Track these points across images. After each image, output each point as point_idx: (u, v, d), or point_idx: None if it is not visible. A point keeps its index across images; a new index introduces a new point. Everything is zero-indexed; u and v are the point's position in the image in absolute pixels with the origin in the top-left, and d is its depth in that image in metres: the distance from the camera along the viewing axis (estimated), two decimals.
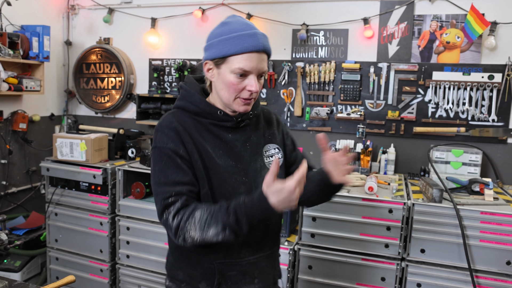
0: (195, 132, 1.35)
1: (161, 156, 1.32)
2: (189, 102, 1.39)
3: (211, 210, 1.23)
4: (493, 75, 2.81)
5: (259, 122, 1.50)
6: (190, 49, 3.47)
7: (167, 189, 1.28)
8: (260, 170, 1.43)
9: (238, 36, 1.26)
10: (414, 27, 2.97)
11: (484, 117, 2.86)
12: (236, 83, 1.29)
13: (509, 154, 2.84)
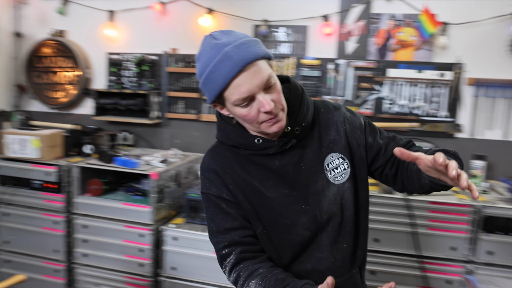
0: (238, 168, 1.28)
1: (208, 202, 1.32)
2: (224, 136, 1.31)
3: (266, 284, 1.18)
4: (444, 73, 3.12)
5: (314, 132, 1.32)
6: (150, 43, 3.59)
7: (220, 238, 1.28)
8: (323, 190, 1.28)
9: (212, 69, 1.13)
10: (372, 25, 3.23)
11: (436, 113, 3.16)
12: (247, 113, 1.16)
13: (457, 147, 3.10)
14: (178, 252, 2.81)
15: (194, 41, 3.49)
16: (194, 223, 2.90)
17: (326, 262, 1.30)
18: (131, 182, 3.23)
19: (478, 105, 3.11)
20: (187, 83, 3.52)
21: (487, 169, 2.91)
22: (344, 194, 1.30)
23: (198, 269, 2.80)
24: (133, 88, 3.55)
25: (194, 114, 3.54)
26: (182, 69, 3.50)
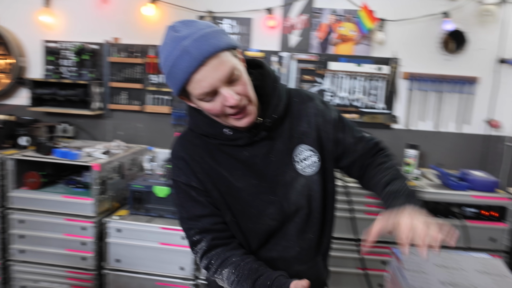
0: (207, 156, 1.29)
1: (177, 189, 1.33)
2: (194, 124, 1.31)
3: (239, 273, 1.23)
4: (381, 67, 3.36)
5: (285, 122, 1.33)
6: (90, 32, 3.56)
7: (190, 224, 1.30)
8: (291, 182, 1.31)
9: (173, 63, 1.12)
10: (314, 20, 3.42)
11: (374, 105, 3.40)
12: (212, 107, 1.17)
13: (394, 138, 3.42)
14: (122, 244, 2.85)
15: (137, 30, 3.51)
16: (138, 214, 2.95)
17: (292, 251, 1.35)
18: (72, 175, 3.22)
19: (412, 98, 3.39)
20: (130, 74, 3.54)
21: (419, 158, 3.18)
22: (313, 186, 1.33)
23: (143, 260, 2.86)
24: (73, 78, 3.51)
25: (137, 105, 3.57)
26: (125, 59, 3.51)
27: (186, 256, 2.81)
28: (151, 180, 3.03)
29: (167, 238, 2.81)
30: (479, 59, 3.33)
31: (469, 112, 3.38)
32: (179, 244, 2.81)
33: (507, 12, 3.24)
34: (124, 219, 2.88)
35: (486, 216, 2.77)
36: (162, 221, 2.88)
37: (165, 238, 2.82)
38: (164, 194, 2.90)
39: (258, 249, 1.35)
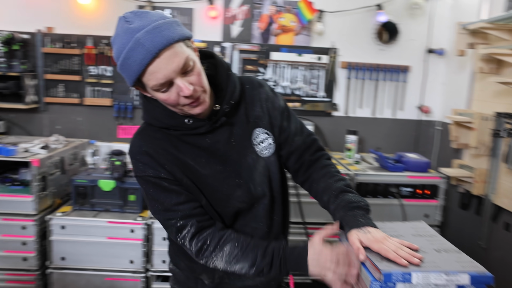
0: (170, 148, 1.31)
1: (146, 185, 1.32)
2: (152, 118, 1.31)
3: (243, 245, 1.27)
4: (321, 57, 3.50)
5: (240, 108, 1.38)
6: (20, 20, 3.37)
7: (168, 215, 1.30)
8: (254, 164, 1.37)
9: (125, 56, 1.11)
10: (255, 10, 3.48)
11: (315, 93, 3.54)
12: (167, 98, 1.18)
13: (334, 125, 3.58)
14: (67, 241, 2.77)
15: (72, 20, 3.39)
16: (82, 209, 2.88)
17: (260, 232, 1.40)
18: (6, 172, 3.07)
19: (351, 86, 3.57)
20: (67, 65, 3.41)
21: (358, 143, 3.36)
22: (270, 167, 1.39)
23: (90, 256, 2.80)
24: (2, 69, 3.32)
25: (76, 98, 3.45)
26: (60, 49, 3.38)
27: (136, 249, 2.80)
28: (95, 174, 2.96)
29: (115, 232, 2.78)
30: (410, 49, 3.56)
31: (402, 99, 3.61)
32: (128, 238, 2.78)
33: (434, 5, 3.50)
34: (68, 215, 2.80)
35: (420, 194, 3.00)
36: (109, 215, 2.84)
37: (113, 232, 2.78)
38: (109, 187, 2.85)
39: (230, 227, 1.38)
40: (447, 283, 0.98)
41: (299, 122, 1.48)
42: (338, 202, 1.29)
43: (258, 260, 1.25)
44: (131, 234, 2.79)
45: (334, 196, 1.32)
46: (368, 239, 1.12)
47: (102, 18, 3.43)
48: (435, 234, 1.26)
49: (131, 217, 2.82)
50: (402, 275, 0.98)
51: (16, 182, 2.93)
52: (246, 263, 1.25)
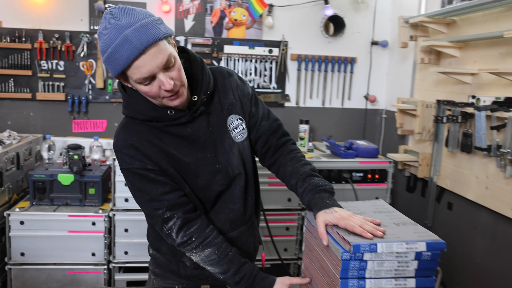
0: (154, 139, 1.39)
1: (132, 177, 1.40)
2: (135, 111, 1.39)
3: (221, 254, 1.41)
4: (272, 49, 3.67)
5: (214, 97, 1.48)
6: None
7: (155, 205, 1.40)
8: (230, 149, 1.48)
9: (113, 50, 1.20)
10: (207, 5, 3.58)
11: (267, 85, 3.70)
12: (149, 90, 1.27)
13: (286, 115, 3.77)
14: (26, 236, 2.78)
15: (22, 13, 3.36)
16: (41, 204, 2.89)
17: (237, 212, 1.54)
18: None
19: (301, 78, 3.76)
20: (17, 60, 3.37)
21: (310, 132, 3.56)
22: (244, 151, 1.52)
23: (51, 250, 2.82)
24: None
25: (27, 93, 3.42)
26: (9, 44, 3.33)
27: (97, 241, 2.85)
28: (53, 169, 2.97)
29: (76, 225, 2.81)
30: (355, 41, 3.80)
31: (350, 89, 3.85)
32: (89, 230, 2.82)
33: (377, 0, 3.74)
34: (27, 210, 2.80)
35: (371, 179, 3.24)
36: (69, 209, 2.87)
37: (74, 225, 2.81)
38: (69, 182, 2.88)
39: (210, 211, 1.52)
40: (407, 250, 1.15)
41: (266, 107, 1.61)
42: (305, 186, 1.42)
43: (229, 274, 1.41)
44: (93, 227, 2.83)
45: (301, 180, 1.45)
46: (335, 218, 1.25)
47: (53, 12, 3.41)
48: (393, 210, 1.43)
49: (91, 210, 2.87)
50: (369, 245, 1.13)
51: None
52: (218, 270, 1.42)
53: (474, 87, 2.63)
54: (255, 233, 1.67)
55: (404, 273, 1.16)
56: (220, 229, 1.51)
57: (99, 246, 2.86)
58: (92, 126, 3.55)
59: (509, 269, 2.43)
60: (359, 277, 1.15)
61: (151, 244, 1.68)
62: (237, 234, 1.57)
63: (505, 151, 2.24)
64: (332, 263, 1.19)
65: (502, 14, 2.41)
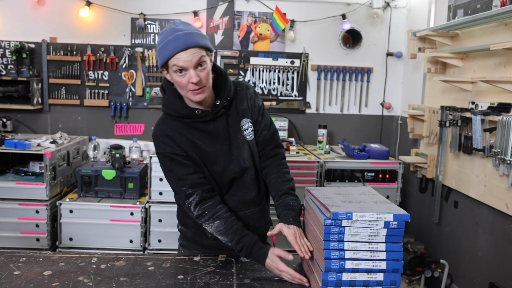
0: (184, 132, 1.75)
1: (165, 160, 1.76)
2: (171, 109, 1.76)
3: (228, 226, 1.71)
4: (294, 61, 3.98)
5: (233, 104, 1.83)
6: (27, 31, 3.78)
7: (181, 182, 1.75)
8: (242, 144, 1.83)
9: (166, 43, 1.60)
10: (235, 21, 3.95)
11: (289, 93, 4.02)
12: (180, 80, 1.62)
13: (307, 121, 4.07)
14: (75, 223, 3.17)
15: (73, 30, 3.82)
16: (87, 196, 3.29)
17: (250, 195, 1.88)
18: (15, 166, 3.45)
19: (320, 86, 4.06)
20: (68, 71, 3.82)
21: (328, 136, 3.84)
22: (252, 148, 1.87)
23: (94, 236, 3.20)
24: (12, 75, 3.70)
25: (76, 99, 3.86)
26: (62, 57, 3.79)
27: (135, 229, 3.21)
28: (97, 165, 3.37)
29: (117, 215, 3.19)
30: (372, 52, 4.07)
31: (367, 97, 4.11)
32: (128, 220, 3.20)
33: (391, 15, 4.01)
34: (75, 201, 3.20)
35: (382, 178, 3.48)
36: (111, 201, 3.25)
37: (115, 215, 3.19)
38: (111, 177, 3.27)
39: (226, 194, 1.85)
40: (377, 219, 1.43)
41: (269, 119, 1.94)
42: (280, 202, 1.80)
43: (233, 242, 1.70)
44: (131, 217, 3.20)
45: (279, 195, 1.82)
46: (289, 232, 1.66)
47: (99, 29, 3.85)
48: (376, 193, 1.70)
49: (130, 202, 3.24)
50: (345, 214, 1.42)
51: (28, 173, 3.33)
52: (226, 239, 1.72)
53: (474, 94, 2.86)
54: (266, 215, 2.00)
55: (376, 238, 1.44)
56: (234, 208, 1.84)
57: (136, 234, 3.23)
58: (131, 129, 3.96)
59: (505, 261, 2.63)
60: (339, 240, 1.44)
61: (179, 220, 2.01)
62: (250, 213, 1.89)
63: (497, 151, 2.47)
64: (319, 230, 1.49)
65: (496, 29, 2.65)
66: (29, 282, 1.53)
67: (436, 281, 3.35)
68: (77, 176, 3.29)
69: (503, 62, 2.59)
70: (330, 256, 1.43)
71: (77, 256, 1.81)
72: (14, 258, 1.76)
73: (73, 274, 1.64)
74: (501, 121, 2.41)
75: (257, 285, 1.61)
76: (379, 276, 1.46)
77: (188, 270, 1.72)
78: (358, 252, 1.44)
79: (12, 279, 1.55)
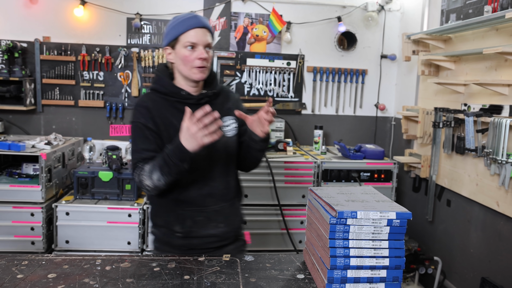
0: (163, 109, 1.85)
1: (134, 129, 1.85)
2: (159, 85, 1.89)
3: (153, 163, 1.74)
4: (290, 62, 4.07)
5: (218, 98, 1.96)
6: (19, 30, 3.81)
7: (136, 155, 1.83)
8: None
9: (183, 20, 1.79)
10: (232, 22, 4.02)
11: (285, 94, 4.10)
12: (188, 55, 1.77)
13: (302, 121, 4.16)
14: (71, 225, 3.21)
15: (67, 30, 3.85)
16: (83, 198, 3.33)
17: (217, 189, 1.94)
18: (8, 168, 3.48)
19: (316, 88, 4.15)
20: (62, 71, 3.86)
21: (324, 136, 3.93)
22: (230, 143, 1.96)
23: (91, 239, 3.24)
24: (4, 75, 3.72)
25: (71, 100, 3.90)
26: (56, 57, 3.83)
27: (133, 231, 3.26)
28: (94, 167, 3.41)
29: (114, 216, 3.23)
30: (366, 55, 4.18)
31: (361, 98, 4.22)
32: (125, 221, 3.24)
33: (386, 18, 4.12)
34: (72, 203, 3.24)
35: (377, 178, 3.58)
36: (108, 202, 3.29)
37: (112, 217, 3.23)
38: (108, 178, 3.31)
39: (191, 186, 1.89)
40: (381, 217, 1.51)
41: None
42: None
43: (159, 163, 1.72)
44: (129, 218, 3.25)
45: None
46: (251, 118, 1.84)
47: (94, 29, 3.90)
48: (377, 193, 1.79)
49: (128, 204, 3.29)
50: (350, 212, 1.50)
51: (22, 175, 3.36)
52: (156, 171, 1.72)
53: (466, 96, 2.97)
54: (238, 213, 2.07)
55: (379, 236, 1.52)
56: (203, 203, 1.91)
57: (134, 235, 3.28)
58: (127, 130, 4.01)
59: (496, 257, 2.75)
60: (344, 238, 1.52)
61: (152, 222, 2.04)
62: (218, 208, 1.94)
63: (488, 151, 2.58)
64: (324, 228, 1.57)
65: (487, 33, 2.77)
66: (34, 285, 1.55)
67: (429, 277, 3.46)
68: (73, 178, 3.33)
69: (495, 66, 2.71)
70: (335, 254, 1.51)
71: (81, 259, 1.83)
72: (15, 261, 1.77)
73: (78, 276, 1.66)
74: (493, 122, 2.52)
75: (263, 283, 1.68)
76: (382, 273, 1.54)
77: (193, 270, 1.78)
78: (362, 249, 1.53)
79: (16, 282, 1.57)
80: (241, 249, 2.10)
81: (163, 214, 1.95)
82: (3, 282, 1.58)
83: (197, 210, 1.91)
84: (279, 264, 1.81)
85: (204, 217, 1.92)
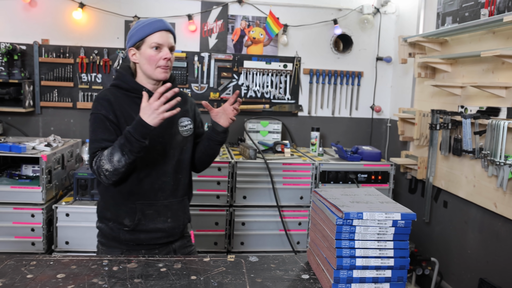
0: (124, 104, 1.91)
1: (94, 120, 1.89)
2: (121, 81, 1.96)
3: (114, 143, 1.80)
4: (287, 64, 4.09)
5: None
6: (18, 33, 3.80)
7: (96, 144, 1.87)
8: (174, 134, 2.02)
9: (150, 23, 1.89)
10: (229, 25, 4.03)
11: (282, 96, 4.12)
12: (154, 55, 1.87)
13: (300, 123, 4.18)
14: (71, 226, 3.20)
15: (66, 32, 3.84)
16: (83, 199, 3.32)
17: (168, 185, 2.02)
18: (7, 169, 3.47)
19: (313, 90, 4.17)
20: (61, 73, 3.85)
21: (321, 138, 3.95)
22: (186, 143, 2.07)
23: (91, 240, 3.19)
24: (3, 77, 3.70)
25: (69, 102, 3.89)
26: (55, 59, 3.81)
27: None
28: None
29: None
30: (362, 57, 4.21)
31: (357, 100, 4.25)
32: None
33: (381, 20, 4.16)
34: (72, 204, 3.23)
35: (374, 179, 3.61)
36: None
37: None
38: None
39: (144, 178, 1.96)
40: (386, 218, 1.53)
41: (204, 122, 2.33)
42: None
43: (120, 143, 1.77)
44: None
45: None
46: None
47: (93, 31, 3.89)
48: (381, 194, 1.81)
49: None
50: (356, 214, 1.52)
51: (23, 176, 3.35)
52: (116, 152, 1.77)
53: (463, 98, 3.01)
54: (185, 211, 2.15)
55: (384, 236, 1.55)
56: (153, 197, 1.98)
57: None
58: None
59: (494, 257, 2.78)
60: (350, 239, 1.54)
61: (99, 217, 2.05)
62: (167, 203, 2.02)
63: (486, 153, 2.61)
64: (330, 229, 1.59)
65: (484, 36, 2.80)
66: (44, 285, 1.57)
67: (426, 278, 3.50)
68: (73, 179, 3.32)
69: (491, 68, 2.75)
70: (341, 254, 1.53)
71: (88, 259, 1.84)
72: (24, 262, 1.79)
73: (87, 276, 1.68)
74: (490, 124, 2.56)
75: (269, 283, 1.69)
76: (387, 273, 1.57)
77: (199, 270, 1.79)
78: (367, 250, 1.55)
79: (27, 282, 1.58)
80: (186, 246, 2.17)
81: (113, 207, 1.98)
82: (14, 282, 1.58)
83: (147, 204, 1.97)
84: (283, 265, 1.83)
85: (154, 210, 1.99)
